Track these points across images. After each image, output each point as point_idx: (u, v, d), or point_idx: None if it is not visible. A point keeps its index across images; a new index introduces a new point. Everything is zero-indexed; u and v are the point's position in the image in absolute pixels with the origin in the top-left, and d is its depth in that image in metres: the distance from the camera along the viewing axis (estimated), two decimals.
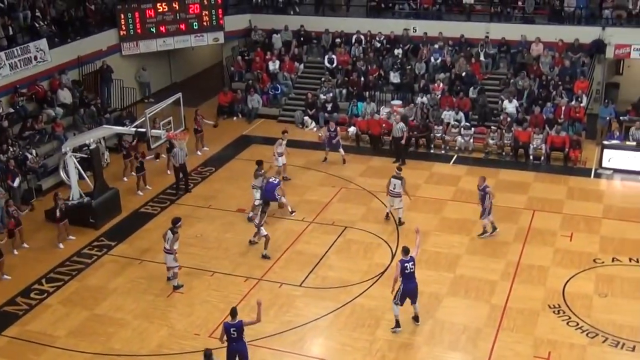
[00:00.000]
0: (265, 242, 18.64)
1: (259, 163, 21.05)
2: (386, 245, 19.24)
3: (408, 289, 15.38)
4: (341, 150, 24.42)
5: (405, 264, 15.28)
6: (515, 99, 26.18)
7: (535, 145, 24.29)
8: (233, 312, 13.96)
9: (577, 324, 15.74)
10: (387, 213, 20.48)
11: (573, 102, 25.59)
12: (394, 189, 19.98)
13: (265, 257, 18.57)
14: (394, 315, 15.59)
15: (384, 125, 25.74)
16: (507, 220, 20.32)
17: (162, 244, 17.45)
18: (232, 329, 13.83)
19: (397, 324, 15.59)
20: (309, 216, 20.84)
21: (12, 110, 24.06)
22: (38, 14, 26.58)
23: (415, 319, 15.85)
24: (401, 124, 24.52)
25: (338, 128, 24.45)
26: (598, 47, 27.45)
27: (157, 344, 15.36)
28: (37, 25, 26.19)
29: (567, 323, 15.80)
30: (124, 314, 16.60)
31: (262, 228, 18.61)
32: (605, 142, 23.93)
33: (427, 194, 22.15)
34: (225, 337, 13.92)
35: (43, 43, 25.74)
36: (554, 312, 16.18)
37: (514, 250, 18.79)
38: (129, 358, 15.07)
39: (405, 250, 15.50)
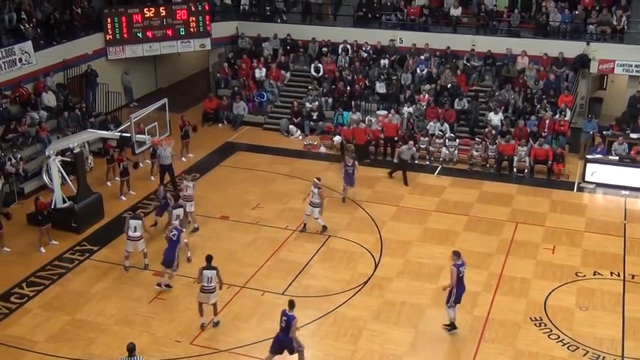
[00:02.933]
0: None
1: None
2: (369, 255, 19.25)
3: (461, 293, 15.52)
4: (352, 188, 22.48)
5: (460, 268, 15.41)
6: (502, 111, 26.34)
7: (519, 158, 24.43)
8: (291, 304, 14.21)
9: (558, 337, 15.81)
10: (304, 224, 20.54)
11: (557, 116, 25.78)
12: (313, 198, 20.05)
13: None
14: (449, 318, 15.75)
15: (369, 134, 25.80)
16: (490, 233, 20.42)
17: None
18: (283, 318, 14.15)
19: (454, 326, 15.74)
20: (293, 224, 20.80)
21: None
22: (24, 16, 26.42)
23: (452, 327, 15.93)
24: (413, 150, 24.20)
25: (356, 163, 22.28)
26: (582, 61, 27.68)
27: (138, 350, 15.15)
28: (22, 27, 26.03)
29: (549, 336, 15.87)
30: (104, 319, 16.48)
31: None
32: (589, 156, 24.12)
33: (411, 204, 22.20)
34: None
35: (28, 45, 25.60)
36: (535, 324, 16.25)
37: (497, 262, 18.86)
38: None
39: (457, 254, 15.61)
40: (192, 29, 30.79)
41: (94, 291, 17.65)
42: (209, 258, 15.83)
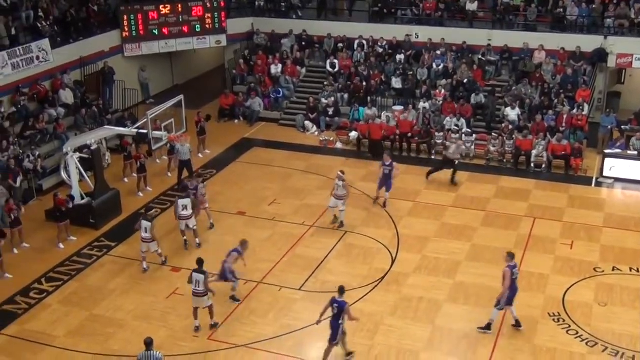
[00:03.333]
0: None
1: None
2: (386, 251, 19.23)
3: (513, 294, 15.47)
4: (387, 194, 21.56)
5: (513, 270, 15.36)
6: (517, 106, 26.20)
7: (536, 153, 24.30)
8: (341, 290, 14.40)
9: (577, 333, 15.73)
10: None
11: (575, 111, 25.61)
12: (337, 191, 20.06)
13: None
14: (490, 319, 15.66)
15: (384, 130, 25.75)
16: (507, 228, 20.34)
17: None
18: (334, 305, 14.25)
19: (489, 327, 15.66)
20: (309, 220, 20.82)
21: (14, 109, 24.06)
22: (41, 14, 26.59)
23: (518, 323, 15.86)
24: (463, 147, 23.95)
25: (395, 163, 21.34)
26: (600, 55, 27.49)
27: (155, 345, 15.25)
28: (39, 25, 26.19)
29: (567, 331, 15.80)
30: (123, 315, 16.59)
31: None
32: (607, 151, 23.94)
33: (428, 200, 22.14)
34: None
35: (45, 43, 25.75)
36: (553, 320, 16.17)
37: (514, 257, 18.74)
38: (128, 359, 15.03)
39: (511, 256, 15.59)
40: (207, 26, 30.85)
41: (112, 287, 17.76)
42: (199, 261, 15.69)
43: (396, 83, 28.61)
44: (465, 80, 27.74)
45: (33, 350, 15.44)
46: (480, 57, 28.78)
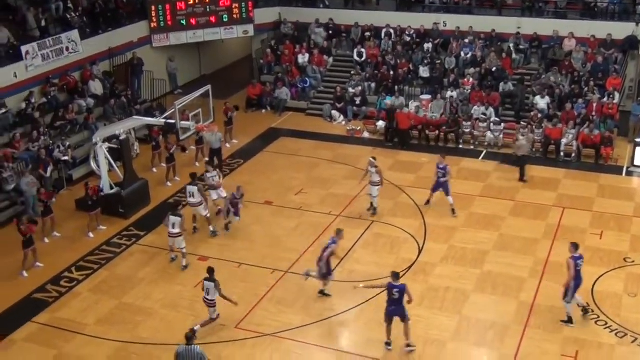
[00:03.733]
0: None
1: None
2: (413, 240, 19.18)
3: (578, 285, 15.36)
4: (450, 197, 20.46)
5: (577, 261, 15.28)
6: (547, 95, 25.91)
7: (566, 142, 24.04)
8: (395, 275, 14.54)
9: (606, 323, 15.58)
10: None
11: (605, 99, 25.27)
12: (372, 177, 20.09)
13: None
14: (567, 313, 15.54)
15: (412, 119, 25.64)
16: (536, 218, 20.17)
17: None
18: (394, 290, 14.33)
19: (571, 320, 15.55)
20: (336, 210, 20.83)
21: (44, 100, 24.35)
22: (70, 5, 26.92)
23: (586, 310, 15.81)
24: (531, 136, 23.66)
25: (448, 167, 20.40)
26: (631, 43, 27.06)
27: (183, 334, 15.41)
28: (69, 16, 26.47)
29: (596, 322, 15.65)
30: (151, 303, 16.76)
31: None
32: (638, 140, 23.57)
33: (456, 189, 21.93)
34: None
35: (75, 34, 26.02)
36: (582, 310, 16.02)
37: (543, 248, 18.63)
38: (157, 347, 15.20)
39: (575, 246, 15.52)
40: (235, 16, 30.91)
41: (141, 275, 17.95)
42: (210, 270, 15.39)
43: (424, 72, 28.45)
44: (494, 69, 27.50)
45: (65, 337, 15.67)
46: (511, 45, 28.42)
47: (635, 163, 23.20)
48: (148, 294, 17.16)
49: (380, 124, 26.31)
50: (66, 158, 22.55)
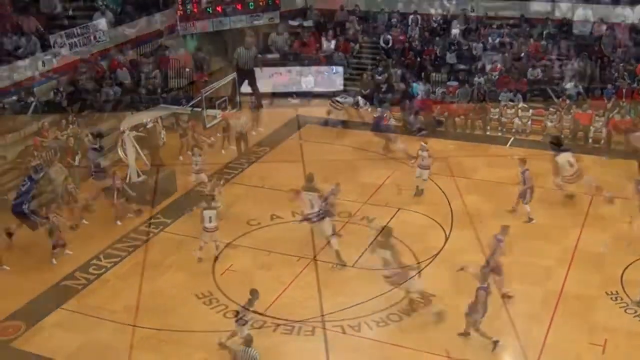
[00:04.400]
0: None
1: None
2: (440, 228, 19.08)
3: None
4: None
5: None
6: (576, 81, 25.58)
7: (595, 128, 23.72)
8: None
9: (636, 312, 15.40)
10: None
11: (635, 85, 24.88)
12: (423, 161, 20.26)
13: None
14: None
15: (438, 106, 25.48)
16: (564, 205, 19.95)
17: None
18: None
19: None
20: (362, 197, 20.77)
21: (72, 89, 24.54)
22: None
23: None
24: None
25: (528, 172, 19.33)
26: None
27: (211, 322, 15.57)
28: (96, 5, 26.59)
29: (625, 310, 15.48)
30: (179, 291, 16.86)
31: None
32: None
33: (483, 176, 21.86)
34: None
35: (102, 23, 26.14)
36: (611, 298, 15.86)
37: (571, 236, 18.43)
38: (185, 334, 15.30)
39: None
40: (261, 3, 30.78)
41: (168, 263, 18.06)
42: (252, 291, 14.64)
43: (450, 58, 28.21)
44: (522, 55, 27.18)
45: (93, 323, 15.81)
46: (540, 30, 28.06)
47: None
48: (175, 281, 17.27)
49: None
50: (95, 146, 22.70)
